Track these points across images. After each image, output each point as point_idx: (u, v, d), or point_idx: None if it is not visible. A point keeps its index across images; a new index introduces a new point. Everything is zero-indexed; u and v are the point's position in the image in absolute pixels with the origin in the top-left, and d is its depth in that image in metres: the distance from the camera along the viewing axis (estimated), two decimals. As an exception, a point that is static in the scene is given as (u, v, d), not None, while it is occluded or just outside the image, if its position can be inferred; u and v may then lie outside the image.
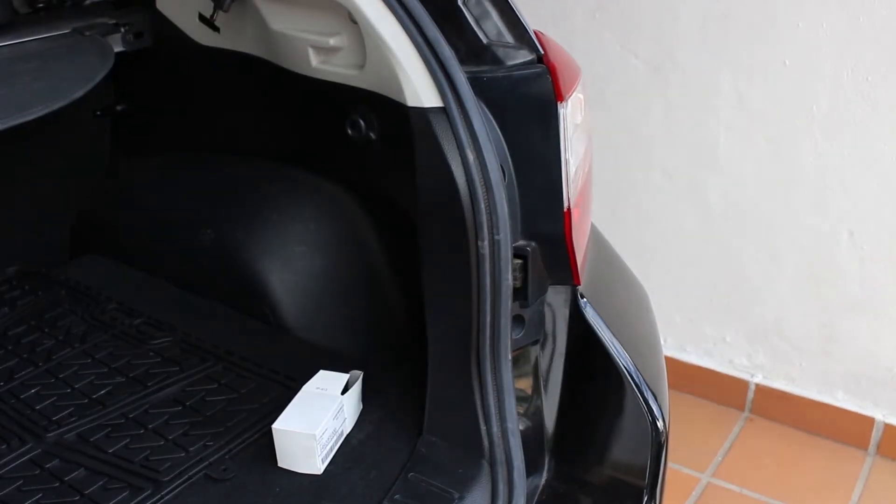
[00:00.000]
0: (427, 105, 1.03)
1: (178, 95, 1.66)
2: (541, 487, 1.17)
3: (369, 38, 1.10)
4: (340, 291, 1.51)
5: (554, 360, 1.18)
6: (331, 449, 1.14)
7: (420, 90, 1.03)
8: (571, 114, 1.10)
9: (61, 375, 1.37)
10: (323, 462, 1.13)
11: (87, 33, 1.51)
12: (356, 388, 1.21)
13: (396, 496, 1.07)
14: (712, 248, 2.23)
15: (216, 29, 1.43)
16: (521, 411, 1.13)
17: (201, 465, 1.15)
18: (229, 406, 1.28)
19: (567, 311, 1.17)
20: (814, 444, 2.21)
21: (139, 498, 1.09)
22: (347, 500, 1.08)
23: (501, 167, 1.03)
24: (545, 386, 1.17)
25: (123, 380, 1.36)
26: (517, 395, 1.09)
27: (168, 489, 1.11)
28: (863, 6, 1.83)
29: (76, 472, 1.15)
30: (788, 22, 1.93)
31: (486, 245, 1.01)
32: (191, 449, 1.18)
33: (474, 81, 1.02)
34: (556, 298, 1.16)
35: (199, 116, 1.64)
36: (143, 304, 1.57)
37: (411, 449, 1.15)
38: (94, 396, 1.32)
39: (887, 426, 2.14)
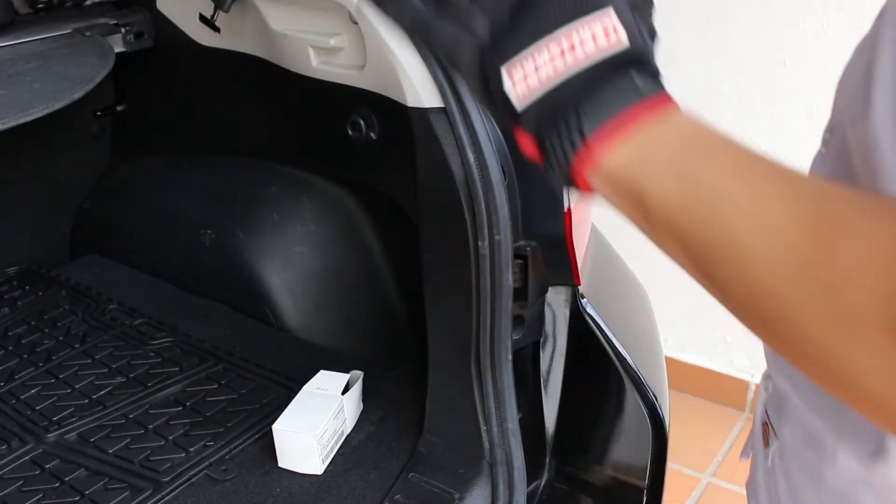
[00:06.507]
0: (427, 105, 1.03)
1: (179, 96, 1.66)
2: (541, 488, 1.17)
3: (370, 38, 1.10)
4: (340, 292, 1.50)
5: (554, 360, 1.18)
6: (331, 449, 1.14)
7: (420, 90, 1.03)
8: (572, 114, 1.10)
9: (61, 376, 1.37)
10: (323, 462, 1.13)
11: (88, 34, 1.51)
12: (356, 389, 1.21)
13: (397, 496, 1.07)
14: (712, 248, 2.23)
15: (217, 29, 1.43)
16: (522, 411, 1.13)
17: (202, 466, 1.15)
18: (229, 406, 1.28)
19: (567, 311, 1.17)
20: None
21: (139, 498, 1.09)
22: (348, 501, 1.08)
23: (502, 167, 1.03)
24: (545, 386, 1.17)
25: (124, 380, 1.36)
26: (517, 396, 1.09)
27: (168, 489, 1.11)
28: (863, 6, 1.83)
29: (77, 473, 1.15)
30: (788, 22, 1.93)
31: (486, 245, 1.01)
32: (191, 449, 1.18)
33: (474, 82, 1.01)
34: (556, 298, 1.15)
35: (199, 116, 1.64)
36: (144, 305, 1.57)
37: (411, 449, 1.15)
38: (95, 397, 1.32)
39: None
